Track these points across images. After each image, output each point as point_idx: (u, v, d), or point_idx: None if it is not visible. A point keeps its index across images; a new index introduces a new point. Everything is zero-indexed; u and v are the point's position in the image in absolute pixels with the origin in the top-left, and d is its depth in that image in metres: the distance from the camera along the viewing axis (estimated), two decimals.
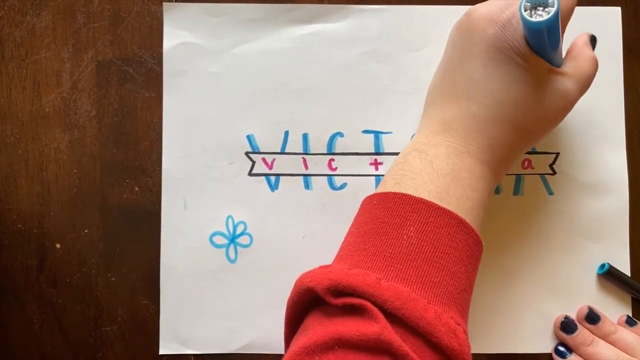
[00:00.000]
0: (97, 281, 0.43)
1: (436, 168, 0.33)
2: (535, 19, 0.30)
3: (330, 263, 0.34)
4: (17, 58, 0.43)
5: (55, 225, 0.43)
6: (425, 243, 0.31)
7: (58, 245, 0.43)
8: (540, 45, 0.33)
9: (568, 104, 0.35)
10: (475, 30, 0.34)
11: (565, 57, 0.37)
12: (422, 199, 0.32)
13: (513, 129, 0.35)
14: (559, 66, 0.35)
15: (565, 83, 0.35)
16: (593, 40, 0.38)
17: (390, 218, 0.32)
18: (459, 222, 0.32)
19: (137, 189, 0.43)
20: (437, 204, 0.32)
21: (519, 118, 0.34)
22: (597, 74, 0.43)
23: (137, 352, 0.43)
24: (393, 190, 0.33)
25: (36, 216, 0.43)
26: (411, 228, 0.31)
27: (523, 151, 0.37)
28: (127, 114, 0.43)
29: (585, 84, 0.36)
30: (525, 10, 0.30)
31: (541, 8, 0.30)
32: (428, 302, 0.29)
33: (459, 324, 0.30)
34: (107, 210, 0.43)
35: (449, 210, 0.32)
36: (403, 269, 0.30)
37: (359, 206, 0.42)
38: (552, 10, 0.30)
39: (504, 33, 0.33)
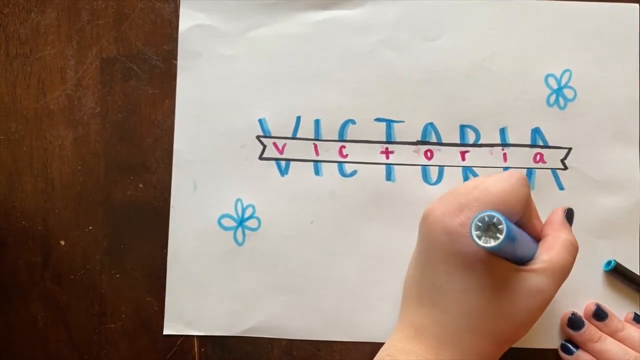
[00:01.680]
0: (101, 278, 0.43)
1: None
2: (485, 244, 0.29)
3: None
4: (22, 55, 0.43)
5: (59, 222, 0.43)
6: None
7: (62, 242, 0.43)
8: (499, 252, 0.32)
9: (543, 302, 0.33)
10: (431, 236, 0.33)
11: (540, 245, 0.35)
12: None
13: (485, 337, 0.33)
14: (530, 258, 0.34)
15: (537, 280, 0.33)
16: (569, 215, 0.37)
17: None
18: None
19: (141, 185, 0.43)
20: None
21: (490, 325, 0.33)
22: (614, 70, 0.43)
23: (141, 350, 0.43)
24: None
25: (40, 213, 0.43)
26: None
27: (501, 354, 0.35)
28: (132, 111, 0.43)
29: (561, 276, 0.34)
30: (476, 231, 0.29)
31: (493, 229, 0.29)
32: None
33: None
34: (111, 207, 0.43)
35: None
36: None
37: (367, 194, 0.42)
38: (501, 237, 0.29)
39: (458, 239, 0.32)
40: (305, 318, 0.42)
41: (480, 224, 0.30)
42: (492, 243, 0.29)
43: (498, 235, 0.29)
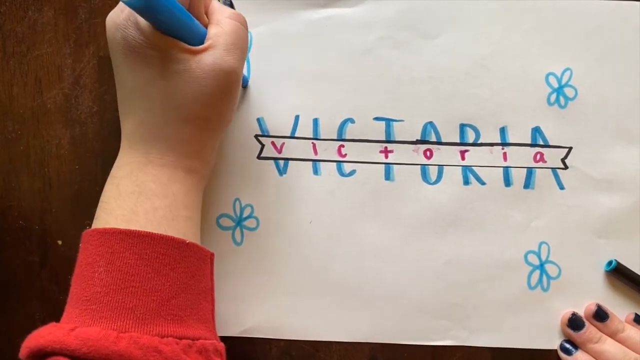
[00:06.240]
0: None
1: (122, 190, 0.33)
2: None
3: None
4: (19, 54, 0.43)
5: (56, 222, 0.43)
6: (115, 273, 0.31)
7: (60, 242, 0.43)
8: (163, 26, 0.32)
9: (229, 76, 0.33)
10: (109, 40, 0.33)
11: (208, 28, 0.35)
12: (107, 228, 0.32)
13: (185, 123, 0.34)
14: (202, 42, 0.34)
15: (212, 56, 0.33)
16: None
17: (84, 258, 0.32)
18: (144, 236, 0.31)
19: None
20: (120, 229, 0.32)
21: (184, 110, 0.33)
22: (615, 69, 0.43)
23: None
24: (91, 227, 0.33)
25: (38, 213, 0.43)
26: (101, 263, 0.31)
27: (214, 137, 0.36)
28: None
29: (235, 45, 0.34)
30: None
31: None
32: (123, 331, 0.29)
33: (167, 335, 0.30)
34: None
35: (133, 230, 0.31)
36: (97, 309, 0.30)
37: (366, 193, 0.42)
38: None
39: (127, 32, 0.32)
40: (304, 318, 0.42)
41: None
42: None
43: None
